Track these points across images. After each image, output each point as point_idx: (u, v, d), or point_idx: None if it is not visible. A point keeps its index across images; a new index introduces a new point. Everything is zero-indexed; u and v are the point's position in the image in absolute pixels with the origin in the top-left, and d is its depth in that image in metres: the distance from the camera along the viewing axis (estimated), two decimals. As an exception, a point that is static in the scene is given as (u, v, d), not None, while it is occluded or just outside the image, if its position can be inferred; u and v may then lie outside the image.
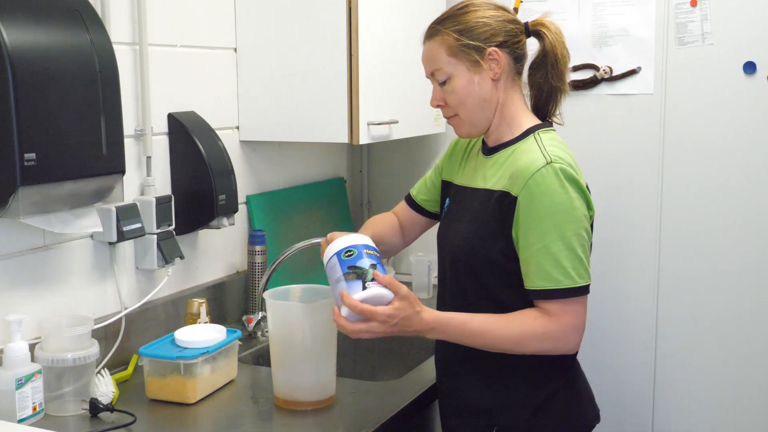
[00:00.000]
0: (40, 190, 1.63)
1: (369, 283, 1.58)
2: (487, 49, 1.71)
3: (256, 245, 2.40)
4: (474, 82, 1.72)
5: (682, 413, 2.72)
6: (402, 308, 1.58)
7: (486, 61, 1.71)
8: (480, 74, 1.72)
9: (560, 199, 1.62)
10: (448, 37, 1.72)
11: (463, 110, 1.75)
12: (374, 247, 1.69)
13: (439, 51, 1.73)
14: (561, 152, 1.68)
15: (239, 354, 2.10)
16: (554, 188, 1.62)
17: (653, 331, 2.74)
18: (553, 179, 1.62)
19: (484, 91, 1.73)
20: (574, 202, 1.63)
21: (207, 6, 2.30)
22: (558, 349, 1.66)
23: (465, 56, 1.71)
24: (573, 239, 1.62)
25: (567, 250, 1.61)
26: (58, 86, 1.64)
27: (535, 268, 1.62)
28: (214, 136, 2.22)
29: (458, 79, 1.72)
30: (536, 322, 1.63)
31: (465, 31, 1.71)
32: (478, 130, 1.78)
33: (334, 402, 1.85)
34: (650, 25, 2.63)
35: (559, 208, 1.61)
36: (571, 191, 1.63)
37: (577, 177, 1.65)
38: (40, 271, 1.86)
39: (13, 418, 1.66)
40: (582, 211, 1.64)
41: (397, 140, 2.64)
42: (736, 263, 2.62)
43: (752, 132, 2.56)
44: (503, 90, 1.75)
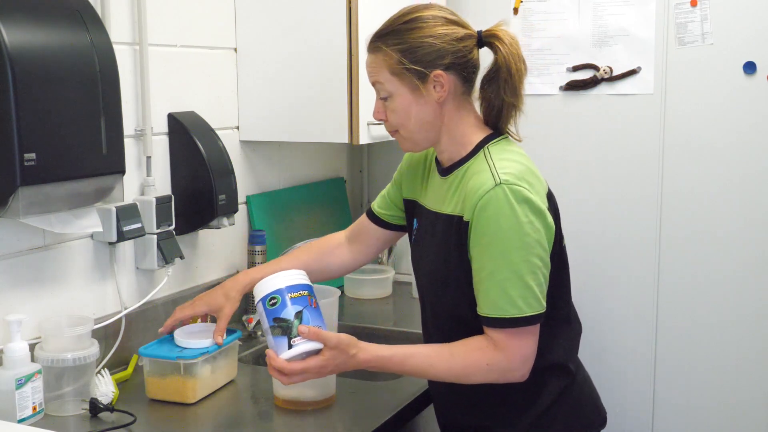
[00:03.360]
0: (40, 190, 1.63)
1: (295, 339, 1.57)
2: (430, 74, 1.60)
3: (256, 245, 2.40)
4: (416, 104, 1.63)
5: (682, 414, 2.72)
6: (332, 357, 1.58)
7: (430, 83, 1.61)
8: (423, 97, 1.62)
9: (508, 223, 1.53)
10: (389, 57, 1.61)
11: (404, 130, 1.67)
12: (300, 283, 1.64)
13: (380, 68, 1.64)
14: (512, 167, 1.58)
15: (239, 354, 2.10)
16: (502, 212, 1.53)
17: (653, 331, 2.74)
18: (502, 202, 1.53)
19: (427, 114, 1.64)
20: (524, 226, 1.53)
21: (207, 6, 2.30)
22: (506, 378, 1.60)
23: (406, 79, 1.61)
24: (522, 266, 1.53)
25: (515, 278, 1.53)
26: (58, 86, 1.64)
27: (483, 295, 1.57)
28: (214, 136, 2.22)
29: (399, 99, 1.63)
30: (481, 353, 1.57)
31: (408, 51, 1.60)
32: (422, 147, 1.71)
33: (334, 402, 1.85)
34: (650, 25, 2.63)
35: (508, 234, 1.53)
36: (522, 214, 1.53)
37: (530, 196, 1.55)
38: (40, 271, 1.86)
39: (13, 418, 1.66)
40: (534, 235, 1.54)
41: (397, 140, 2.63)
42: (736, 263, 2.62)
43: (752, 132, 2.56)
44: (450, 110, 1.65)
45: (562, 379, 1.72)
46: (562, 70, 2.76)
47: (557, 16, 2.75)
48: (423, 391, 1.93)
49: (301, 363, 1.57)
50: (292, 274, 1.66)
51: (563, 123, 2.78)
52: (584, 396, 1.79)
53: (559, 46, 2.75)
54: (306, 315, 1.59)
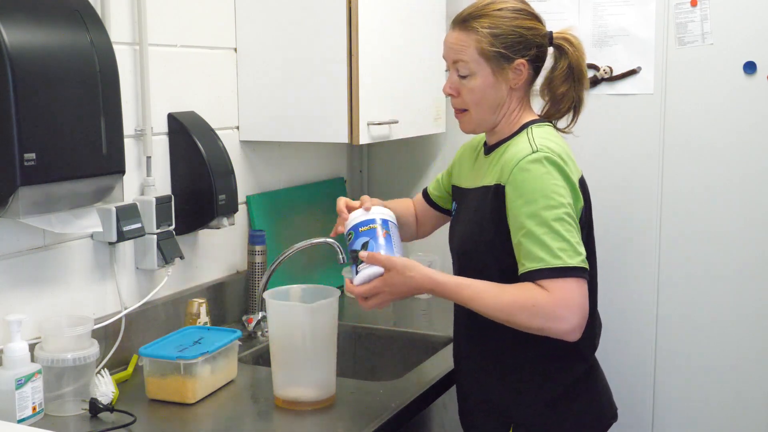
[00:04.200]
0: (40, 190, 1.63)
1: (360, 266, 1.72)
2: (515, 60, 1.72)
3: (256, 245, 2.40)
4: (493, 87, 1.74)
5: (682, 413, 2.72)
6: (390, 277, 1.69)
7: (511, 70, 1.73)
8: (501, 81, 1.73)
9: (541, 184, 1.62)
10: (482, 38, 1.71)
11: (476, 109, 1.76)
12: (369, 218, 1.77)
13: (468, 46, 1.72)
14: (551, 144, 1.69)
15: (239, 354, 2.10)
16: (536, 174, 1.63)
17: (653, 331, 2.74)
18: (536, 166, 1.63)
19: (500, 97, 1.75)
20: (556, 188, 1.62)
21: (207, 6, 2.30)
22: (550, 327, 1.59)
23: (493, 61, 1.72)
24: (555, 224, 1.60)
25: (552, 233, 1.60)
26: (58, 86, 1.64)
27: (524, 253, 1.62)
28: (214, 136, 2.22)
29: (480, 79, 1.73)
30: (529, 293, 1.59)
31: (500, 36, 1.71)
32: (483, 128, 1.82)
33: (334, 402, 1.85)
34: (650, 25, 2.63)
35: (540, 194, 1.62)
36: (554, 178, 1.63)
37: (563, 166, 1.65)
38: (40, 271, 1.86)
39: (13, 418, 1.66)
40: (566, 198, 1.63)
41: (397, 140, 2.64)
42: (736, 262, 2.62)
43: (752, 132, 2.56)
44: (517, 97, 1.77)
45: (578, 366, 1.77)
46: (562, 70, 2.76)
47: (557, 16, 2.75)
48: (423, 391, 1.93)
49: (366, 285, 1.70)
50: (363, 212, 1.79)
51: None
52: (600, 388, 1.84)
53: (559, 46, 2.75)
54: (371, 244, 1.73)
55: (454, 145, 2.60)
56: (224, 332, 1.97)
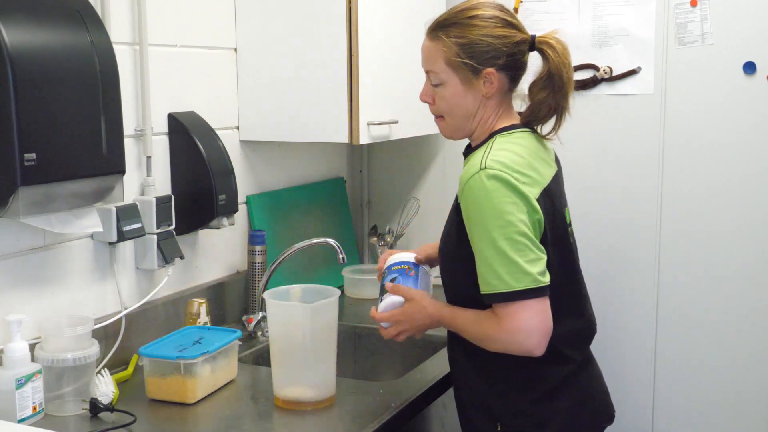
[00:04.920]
0: (40, 190, 1.63)
1: (384, 296, 1.82)
2: (483, 71, 1.69)
3: (256, 245, 2.40)
4: (464, 96, 1.72)
5: (682, 413, 2.72)
6: (410, 307, 1.76)
7: (481, 79, 1.70)
8: (472, 90, 1.71)
9: (486, 204, 1.60)
10: (449, 48, 1.69)
11: (450, 117, 1.76)
12: (403, 260, 1.89)
13: (437, 56, 1.72)
14: (505, 155, 1.64)
15: (239, 354, 2.10)
16: (480, 194, 1.60)
17: (653, 331, 2.74)
18: (480, 186, 1.60)
19: (473, 105, 1.73)
20: (503, 206, 1.59)
21: (207, 6, 2.30)
22: (509, 350, 1.63)
23: (461, 71, 1.70)
24: (503, 244, 1.58)
25: (499, 256, 1.59)
26: (58, 86, 1.64)
27: (479, 274, 1.63)
28: (214, 136, 2.22)
29: (450, 88, 1.72)
30: (487, 323, 1.64)
31: (467, 46, 1.68)
32: (461, 135, 1.80)
33: (334, 402, 1.85)
34: (650, 25, 2.63)
35: (486, 214, 1.60)
36: (501, 195, 1.59)
37: (512, 180, 1.60)
38: (40, 271, 1.86)
39: (13, 418, 1.66)
40: (515, 215, 1.59)
41: (397, 140, 2.64)
42: (736, 263, 2.62)
43: (752, 132, 2.56)
44: (493, 105, 1.74)
45: (563, 366, 1.74)
46: (562, 70, 2.76)
47: (557, 16, 2.75)
48: (423, 391, 1.93)
49: (387, 313, 1.78)
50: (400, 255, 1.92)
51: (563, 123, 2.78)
52: (594, 389, 1.82)
53: (559, 46, 2.75)
54: (399, 280, 1.84)
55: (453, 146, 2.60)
56: (224, 332, 1.97)
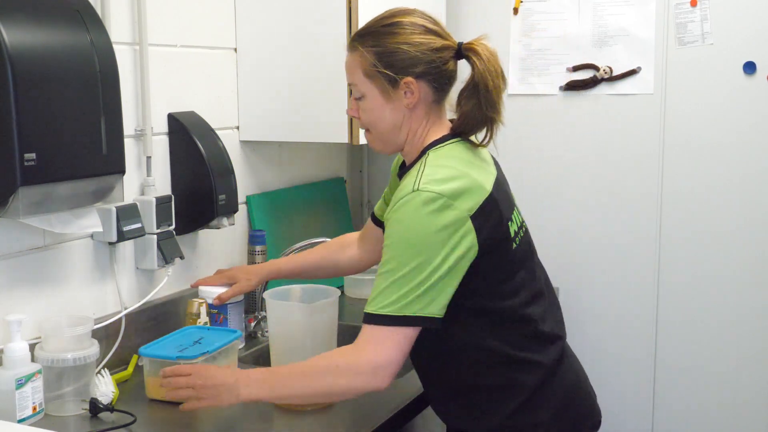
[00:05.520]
0: (40, 190, 1.63)
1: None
2: (401, 80, 1.61)
3: (256, 245, 2.40)
4: (386, 108, 1.65)
5: (682, 414, 2.73)
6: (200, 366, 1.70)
7: (400, 89, 1.62)
8: (393, 101, 1.64)
9: (411, 225, 1.52)
10: (364, 59, 1.63)
11: (375, 130, 1.69)
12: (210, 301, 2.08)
13: (355, 68, 1.66)
14: (441, 172, 1.56)
15: (239, 354, 2.10)
16: (407, 215, 1.52)
17: (653, 331, 2.74)
18: (410, 206, 1.52)
19: (396, 118, 1.65)
20: (428, 233, 1.51)
21: (207, 6, 2.30)
22: (354, 385, 1.56)
23: (379, 81, 1.63)
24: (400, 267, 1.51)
25: (387, 275, 1.52)
26: (58, 86, 1.64)
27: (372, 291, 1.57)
28: (214, 136, 2.22)
29: (371, 100, 1.66)
30: (339, 354, 1.58)
31: (383, 55, 1.61)
32: (391, 149, 1.72)
33: (334, 402, 1.85)
34: (650, 25, 2.63)
35: (408, 235, 1.52)
36: (428, 219, 1.51)
37: (443, 203, 1.51)
38: (40, 271, 1.86)
39: (13, 418, 1.66)
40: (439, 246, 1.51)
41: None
42: (735, 263, 2.62)
43: (752, 132, 2.56)
44: (419, 116, 1.66)
45: (534, 374, 1.66)
46: (562, 70, 2.76)
47: (557, 16, 2.75)
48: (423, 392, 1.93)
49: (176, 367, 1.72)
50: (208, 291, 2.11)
51: (563, 123, 2.79)
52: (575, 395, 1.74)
53: (559, 46, 2.75)
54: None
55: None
56: (224, 332, 1.97)
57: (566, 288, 2.82)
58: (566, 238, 2.82)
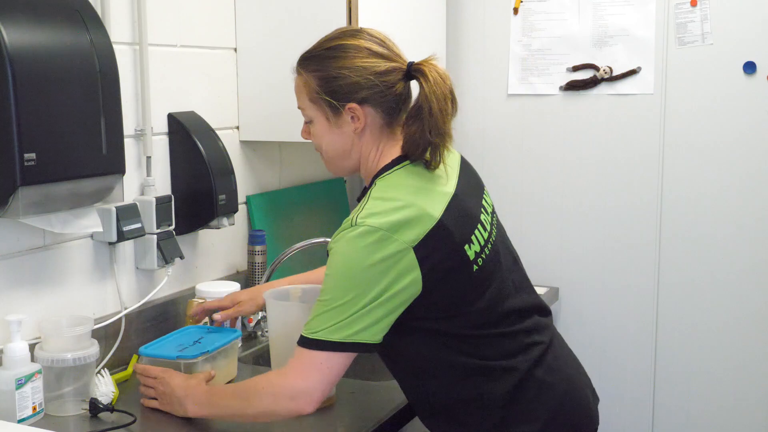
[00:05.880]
0: (40, 190, 1.63)
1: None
2: (344, 107, 1.58)
3: (256, 245, 2.40)
4: (332, 132, 1.62)
5: (682, 414, 2.73)
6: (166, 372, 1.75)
7: (345, 115, 1.59)
8: (340, 126, 1.60)
9: (347, 257, 1.49)
10: (308, 84, 1.60)
11: (325, 154, 1.67)
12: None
13: (300, 92, 1.64)
14: (383, 206, 1.51)
15: (239, 354, 2.10)
16: (346, 248, 1.49)
17: (653, 332, 2.74)
18: (346, 240, 1.50)
19: (344, 143, 1.62)
20: (364, 265, 1.47)
21: (207, 6, 2.30)
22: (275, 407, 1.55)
23: (323, 107, 1.60)
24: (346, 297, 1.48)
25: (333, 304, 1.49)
26: (58, 86, 1.64)
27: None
28: (214, 136, 2.22)
29: (318, 125, 1.63)
30: (265, 377, 1.58)
31: (324, 81, 1.58)
32: (343, 172, 1.70)
33: (334, 402, 1.85)
34: (650, 25, 2.64)
35: (344, 266, 1.49)
36: (365, 253, 1.47)
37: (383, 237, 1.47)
38: (40, 271, 1.86)
39: (13, 418, 1.66)
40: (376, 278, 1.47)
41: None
42: (735, 263, 2.62)
43: (752, 132, 2.56)
44: (369, 141, 1.61)
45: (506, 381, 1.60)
46: (562, 70, 2.76)
47: (557, 16, 2.75)
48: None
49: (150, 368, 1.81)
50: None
51: (563, 123, 2.79)
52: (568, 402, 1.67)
53: (559, 46, 2.75)
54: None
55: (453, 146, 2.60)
56: (224, 332, 1.97)
57: (566, 288, 2.82)
58: (566, 238, 2.82)
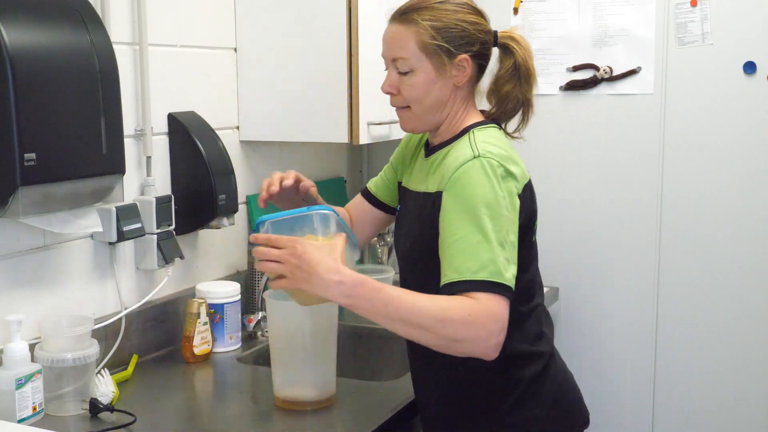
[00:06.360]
0: (40, 190, 1.63)
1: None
2: (458, 56, 1.64)
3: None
4: (436, 83, 1.65)
5: (682, 414, 2.73)
6: (314, 242, 1.53)
7: (454, 66, 1.64)
8: (444, 77, 1.65)
9: (484, 192, 1.52)
10: (423, 31, 1.62)
11: (417, 106, 1.67)
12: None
13: (408, 41, 1.64)
14: (494, 147, 1.59)
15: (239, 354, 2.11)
16: (478, 181, 1.53)
17: (653, 331, 2.74)
18: (479, 171, 1.53)
19: (443, 94, 1.66)
20: (499, 199, 1.52)
21: (207, 6, 2.30)
22: (481, 340, 1.47)
23: (434, 56, 1.63)
24: (494, 235, 1.50)
25: (486, 243, 1.49)
26: (58, 86, 1.64)
27: (452, 260, 1.51)
28: (214, 136, 2.22)
29: (421, 75, 1.64)
30: (464, 303, 1.47)
31: (442, 30, 1.62)
32: (424, 128, 1.72)
33: (334, 402, 1.85)
34: (650, 25, 2.63)
35: (483, 201, 1.51)
36: (498, 187, 1.53)
37: (505, 173, 1.55)
38: (40, 271, 1.86)
39: (13, 418, 1.66)
40: (505, 209, 1.53)
41: (397, 140, 2.63)
42: (735, 263, 2.62)
43: (752, 132, 2.56)
44: (461, 97, 1.68)
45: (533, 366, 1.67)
46: (562, 70, 2.76)
47: (557, 16, 2.75)
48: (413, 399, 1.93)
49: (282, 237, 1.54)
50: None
51: (563, 123, 2.78)
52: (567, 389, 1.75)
53: (559, 46, 2.75)
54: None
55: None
56: None
57: (566, 288, 2.82)
58: (566, 238, 2.82)
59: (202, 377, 2.05)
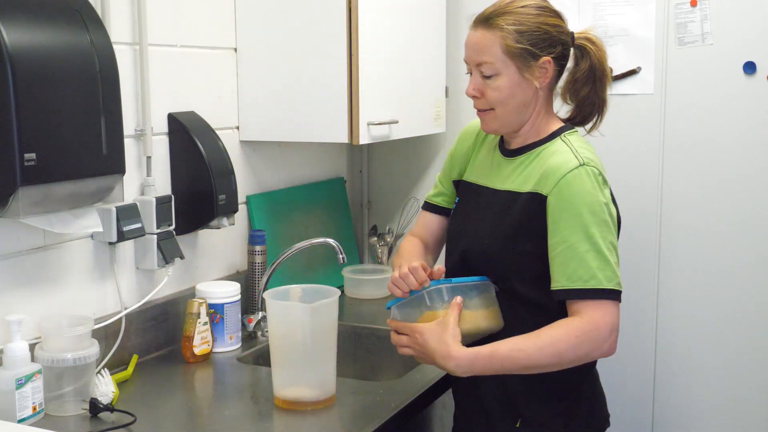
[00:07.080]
0: (40, 190, 1.63)
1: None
2: (542, 58, 1.70)
3: (256, 245, 2.40)
4: (520, 86, 1.71)
5: (682, 413, 2.72)
6: (429, 328, 1.66)
7: (537, 68, 1.70)
8: (527, 79, 1.70)
9: (592, 200, 1.63)
10: (507, 35, 1.68)
11: (502, 109, 1.73)
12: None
13: (493, 45, 1.69)
14: (591, 155, 1.70)
15: (239, 354, 2.11)
16: (587, 189, 1.63)
17: (653, 331, 2.74)
18: (587, 181, 1.64)
19: (527, 96, 1.72)
20: (603, 207, 1.64)
21: (207, 6, 2.30)
22: (597, 349, 1.62)
23: (519, 59, 1.69)
24: (600, 242, 1.62)
25: (595, 252, 1.61)
26: (58, 86, 1.64)
27: (562, 268, 1.63)
28: (214, 136, 2.22)
29: (505, 78, 1.70)
30: (567, 327, 1.61)
31: (526, 33, 1.69)
32: (507, 129, 1.78)
33: (334, 402, 1.85)
34: (650, 25, 2.63)
35: (590, 209, 1.62)
36: (602, 195, 1.65)
37: (604, 181, 1.68)
38: (40, 271, 1.86)
39: (13, 418, 1.66)
40: (609, 217, 1.65)
41: (397, 140, 2.64)
42: (735, 263, 2.62)
43: (752, 132, 2.56)
44: (542, 98, 1.75)
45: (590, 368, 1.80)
46: (562, 70, 2.76)
47: (557, 16, 2.75)
48: (423, 391, 1.93)
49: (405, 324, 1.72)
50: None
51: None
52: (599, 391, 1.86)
53: (559, 46, 2.75)
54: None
55: (454, 145, 2.60)
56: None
57: (566, 288, 2.82)
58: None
59: (202, 377, 2.05)
